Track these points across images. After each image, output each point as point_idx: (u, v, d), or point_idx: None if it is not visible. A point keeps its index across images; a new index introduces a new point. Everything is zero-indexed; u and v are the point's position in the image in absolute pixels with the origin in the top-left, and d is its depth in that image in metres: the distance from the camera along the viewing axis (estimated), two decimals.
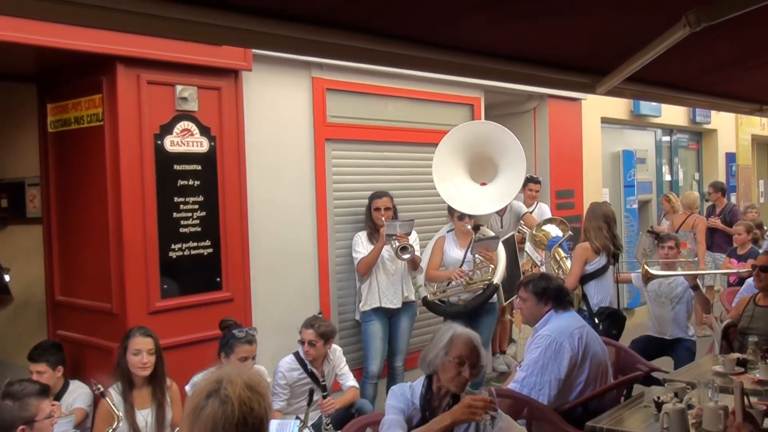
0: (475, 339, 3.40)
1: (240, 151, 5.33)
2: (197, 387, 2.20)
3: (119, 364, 4.28)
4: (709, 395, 3.46)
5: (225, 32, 2.29)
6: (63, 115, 5.16)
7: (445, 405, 3.35)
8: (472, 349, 3.35)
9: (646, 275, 5.93)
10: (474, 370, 3.35)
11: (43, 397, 3.42)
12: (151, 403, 4.32)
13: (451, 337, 3.38)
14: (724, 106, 5.45)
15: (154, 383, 4.33)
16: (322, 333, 4.94)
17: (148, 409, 4.29)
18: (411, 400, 3.41)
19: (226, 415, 2.09)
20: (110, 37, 4.43)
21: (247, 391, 2.14)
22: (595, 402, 4.12)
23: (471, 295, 5.98)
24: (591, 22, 2.85)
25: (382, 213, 5.90)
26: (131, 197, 4.76)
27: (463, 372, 3.30)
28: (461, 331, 3.42)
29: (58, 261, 5.34)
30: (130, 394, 4.25)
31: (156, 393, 4.33)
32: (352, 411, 5.00)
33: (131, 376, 4.28)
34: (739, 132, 13.46)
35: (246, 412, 2.11)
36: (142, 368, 4.26)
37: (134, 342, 4.27)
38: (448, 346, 3.35)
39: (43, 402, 3.39)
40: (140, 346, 4.26)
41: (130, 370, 4.26)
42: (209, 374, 2.23)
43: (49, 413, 3.37)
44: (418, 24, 2.62)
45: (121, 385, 4.25)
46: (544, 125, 8.71)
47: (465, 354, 3.32)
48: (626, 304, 10.00)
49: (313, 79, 6.00)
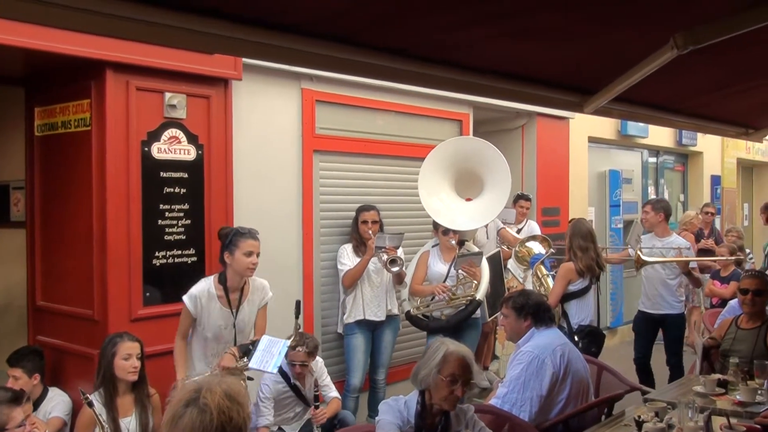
0: (468, 356, 3.37)
1: (227, 160, 5.32)
2: (175, 396, 2.17)
3: (105, 371, 4.21)
4: (689, 415, 3.47)
5: (216, 41, 2.29)
6: (50, 119, 5.13)
7: (438, 422, 3.33)
8: (465, 367, 3.31)
9: (638, 261, 6.25)
10: (466, 387, 3.32)
11: (14, 404, 3.34)
12: (134, 409, 4.27)
13: (444, 355, 3.32)
14: (710, 129, 5.50)
15: (137, 390, 4.29)
16: (311, 351, 4.94)
17: (129, 417, 4.24)
18: (407, 418, 3.37)
19: (204, 424, 2.06)
20: (100, 42, 4.43)
21: (226, 400, 2.11)
22: (575, 420, 4.12)
23: (454, 311, 5.97)
24: (580, 42, 2.88)
25: (369, 226, 5.89)
26: (116, 203, 4.74)
27: (455, 390, 3.27)
28: (454, 349, 3.36)
29: (40, 266, 5.29)
30: (114, 401, 4.20)
31: (140, 399, 4.28)
32: (335, 422, 4.99)
33: (116, 383, 4.22)
34: (725, 155, 13.58)
35: (225, 422, 2.09)
36: (133, 373, 4.22)
37: (124, 347, 4.22)
38: (440, 364, 3.30)
39: (15, 410, 3.32)
40: (131, 351, 4.23)
41: (116, 375, 4.20)
42: (188, 383, 2.21)
43: (20, 421, 3.30)
44: (409, 38, 2.64)
45: (104, 392, 4.19)
46: (532, 143, 8.75)
47: (458, 372, 3.28)
48: (609, 323, 10.03)
49: (303, 90, 6.00)
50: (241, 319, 4.47)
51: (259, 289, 4.59)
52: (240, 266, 4.37)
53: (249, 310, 4.51)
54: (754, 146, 14.46)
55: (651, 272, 6.67)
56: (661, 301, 6.67)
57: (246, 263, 4.36)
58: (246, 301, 4.50)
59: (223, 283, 4.43)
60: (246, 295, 4.51)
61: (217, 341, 4.43)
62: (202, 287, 4.43)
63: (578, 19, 2.61)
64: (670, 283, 6.64)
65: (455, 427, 3.36)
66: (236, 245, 4.38)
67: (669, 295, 6.66)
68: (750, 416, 3.93)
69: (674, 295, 6.69)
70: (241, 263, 4.36)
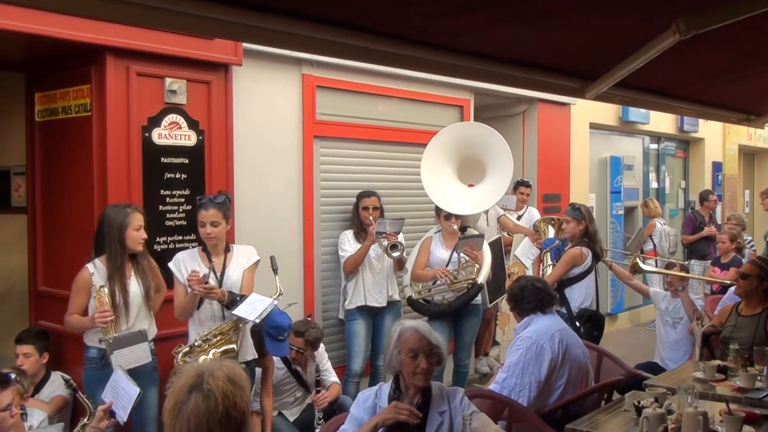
0: (423, 329, 3.39)
1: (228, 146, 5.32)
2: (176, 381, 2.15)
3: (114, 240, 4.28)
4: (689, 401, 3.47)
5: (216, 25, 2.29)
6: (51, 105, 5.13)
7: (416, 402, 3.34)
8: (421, 338, 3.34)
9: (634, 267, 6.15)
10: (432, 359, 3.33)
11: (2, 387, 3.33)
12: (134, 274, 4.40)
13: (399, 333, 3.38)
14: (712, 115, 5.48)
15: (137, 256, 4.42)
16: (312, 341, 4.96)
17: (129, 280, 4.36)
18: (377, 404, 3.39)
19: (209, 410, 2.04)
20: (100, 27, 4.41)
21: (230, 384, 2.10)
22: (575, 405, 4.14)
23: (455, 295, 5.99)
24: (582, 27, 2.86)
25: (370, 212, 5.89)
26: (117, 189, 4.74)
27: (420, 363, 3.29)
28: (408, 325, 3.41)
29: (41, 251, 5.31)
30: (123, 268, 4.33)
31: (140, 264, 4.42)
32: (335, 407, 5.02)
33: (125, 251, 4.32)
34: (726, 142, 13.55)
35: (229, 407, 2.08)
36: (141, 243, 4.37)
37: (136, 218, 4.34)
38: (398, 344, 3.35)
39: (2, 393, 3.30)
40: (141, 222, 4.36)
41: (127, 245, 4.31)
42: (187, 367, 2.20)
43: (7, 405, 3.27)
44: (409, 23, 2.63)
45: (111, 259, 4.29)
46: (533, 129, 8.73)
47: (416, 346, 3.31)
48: (610, 309, 10.05)
49: (304, 76, 5.98)
50: (227, 278, 4.52)
51: (244, 251, 4.67)
52: (205, 233, 4.48)
53: (235, 273, 4.54)
54: (756, 133, 14.43)
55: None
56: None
57: (209, 231, 4.46)
58: (231, 263, 4.55)
59: (206, 251, 4.56)
60: (230, 260, 4.56)
61: (210, 303, 4.47)
62: (184, 252, 4.62)
63: (580, 5, 2.60)
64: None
65: (437, 407, 3.34)
66: (198, 215, 4.53)
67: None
68: (750, 402, 3.94)
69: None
70: (204, 231, 4.48)
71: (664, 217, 11.19)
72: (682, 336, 6.07)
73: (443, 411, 3.34)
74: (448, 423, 3.31)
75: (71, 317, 4.36)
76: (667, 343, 6.19)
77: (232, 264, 4.56)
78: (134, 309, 4.33)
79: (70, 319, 4.36)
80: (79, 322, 4.34)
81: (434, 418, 3.31)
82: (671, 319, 6.18)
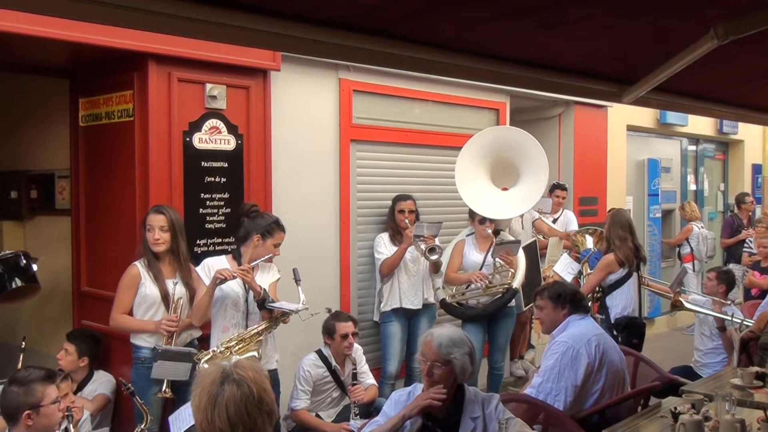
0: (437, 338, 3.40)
1: (266, 150, 5.39)
2: (201, 381, 2.21)
3: (143, 242, 4.48)
4: (726, 408, 3.44)
5: (253, 35, 2.33)
6: (94, 110, 5.25)
7: (448, 405, 3.37)
8: (429, 348, 3.38)
9: (674, 303, 6.15)
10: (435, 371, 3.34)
11: (48, 382, 3.38)
12: (176, 274, 4.50)
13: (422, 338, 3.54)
14: (751, 118, 5.41)
15: (176, 258, 4.51)
16: (355, 320, 5.14)
17: (173, 279, 4.48)
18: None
19: (245, 395, 2.13)
20: (143, 34, 4.50)
21: (257, 374, 2.20)
22: (611, 410, 4.12)
23: (490, 299, 5.99)
24: (619, 32, 2.86)
25: (406, 215, 5.92)
26: (159, 192, 4.84)
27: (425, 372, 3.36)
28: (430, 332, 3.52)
29: (85, 252, 5.44)
30: (156, 263, 4.45)
31: (180, 267, 4.51)
32: (371, 409, 5.05)
33: (152, 251, 4.46)
34: (767, 143, 13.32)
35: (260, 391, 2.16)
36: (155, 244, 4.42)
37: (148, 219, 4.45)
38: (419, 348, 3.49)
39: (49, 387, 3.35)
40: (152, 222, 4.43)
41: (149, 247, 4.44)
42: (206, 369, 2.28)
43: (55, 398, 3.36)
44: (445, 31, 2.65)
45: (146, 259, 4.45)
46: (569, 131, 8.69)
47: (423, 355, 3.40)
48: (647, 313, 9.94)
49: (341, 81, 6.04)
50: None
51: (267, 268, 4.75)
52: (265, 251, 4.59)
53: (261, 283, 4.61)
54: None
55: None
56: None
57: (272, 251, 4.64)
58: (257, 274, 4.62)
59: (237, 259, 4.63)
60: (256, 270, 4.63)
61: (237, 308, 4.56)
62: (213, 258, 4.68)
63: (617, 10, 2.60)
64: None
65: (470, 412, 3.36)
66: (272, 235, 4.63)
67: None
68: None
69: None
70: (268, 249, 4.61)
71: (703, 220, 11.04)
72: (720, 344, 6.02)
73: (476, 417, 3.36)
74: (481, 429, 3.32)
75: (123, 317, 4.45)
76: (704, 350, 6.16)
77: (258, 275, 4.62)
78: (184, 313, 4.47)
79: (121, 319, 4.45)
80: (139, 324, 4.43)
81: (467, 423, 3.34)
82: (709, 329, 6.13)
